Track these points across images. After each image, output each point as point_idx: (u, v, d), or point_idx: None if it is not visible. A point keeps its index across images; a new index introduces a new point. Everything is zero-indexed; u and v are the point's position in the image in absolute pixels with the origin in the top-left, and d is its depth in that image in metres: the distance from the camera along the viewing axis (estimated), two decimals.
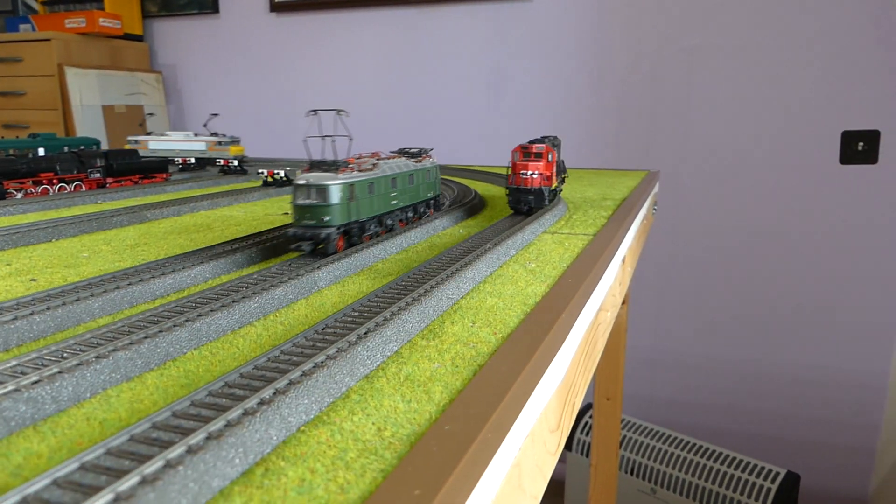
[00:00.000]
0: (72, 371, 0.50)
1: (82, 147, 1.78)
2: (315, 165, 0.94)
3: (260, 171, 1.58)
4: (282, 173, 1.54)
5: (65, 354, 0.54)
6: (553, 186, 1.24)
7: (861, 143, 3.26)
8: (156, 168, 1.66)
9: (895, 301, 3.23)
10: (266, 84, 4.15)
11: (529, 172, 1.18)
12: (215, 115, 1.87)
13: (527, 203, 1.19)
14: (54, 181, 1.41)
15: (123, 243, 1.05)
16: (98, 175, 1.49)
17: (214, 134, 1.66)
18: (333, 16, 3.93)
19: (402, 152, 1.22)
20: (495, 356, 0.55)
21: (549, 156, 1.21)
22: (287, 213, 1.27)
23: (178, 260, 0.87)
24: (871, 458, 3.42)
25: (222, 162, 1.79)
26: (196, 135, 1.75)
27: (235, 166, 1.80)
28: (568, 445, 3.40)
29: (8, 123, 3.93)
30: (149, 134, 1.94)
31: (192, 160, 1.81)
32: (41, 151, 1.60)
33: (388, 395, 0.48)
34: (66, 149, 1.66)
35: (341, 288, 0.79)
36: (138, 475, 0.36)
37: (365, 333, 0.56)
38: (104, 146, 2.44)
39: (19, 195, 1.32)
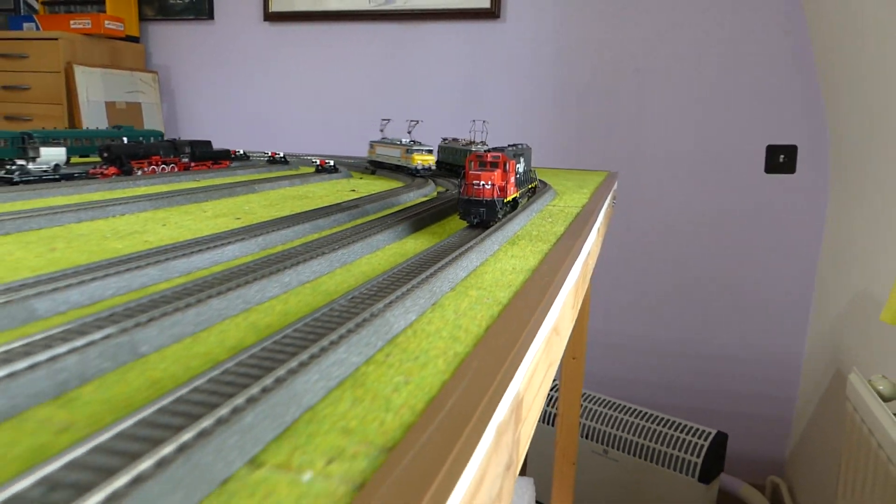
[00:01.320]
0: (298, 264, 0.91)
1: (152, 138, 2.18)
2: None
3: (314, 160, 2.01)
4: (331, 162, 1.98)
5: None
6: (509, 198, 1.18)
7: (782, 156, 3.89)
8: (221, 156, 2.08)
9: (810, 289, 3.86)
10: (257, 87, 4.53)
11: (481, 183, 1.11)
12: (416, 122, 2.40)
13: (477, 215, 1.12)
14: (159, 163, 1.82)
15: (261, 203, 1.46)
16: (186, 160, 1.91)
17: (413, 142, 1.97)
18: (323, 27, 4.35)
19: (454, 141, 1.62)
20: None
21: (506, 165, 1.16)
22: (354, 191, 1.70)
23: (317, 212, 1.31)
24: (788, 426, 4.04)
25: (270, 154, 2.22)
26: (402, 142, 2.05)
27: (280, 157, 2.23)
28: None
29: (11, 115, 4.20)
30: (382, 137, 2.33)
31: (281, 154, 2.22)
32: (124, 140, 2.00)
33: None
34: (150, 139, 2.06)
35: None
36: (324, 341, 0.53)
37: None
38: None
39: (139, 172, 1.73)
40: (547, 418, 3.82)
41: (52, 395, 0.45)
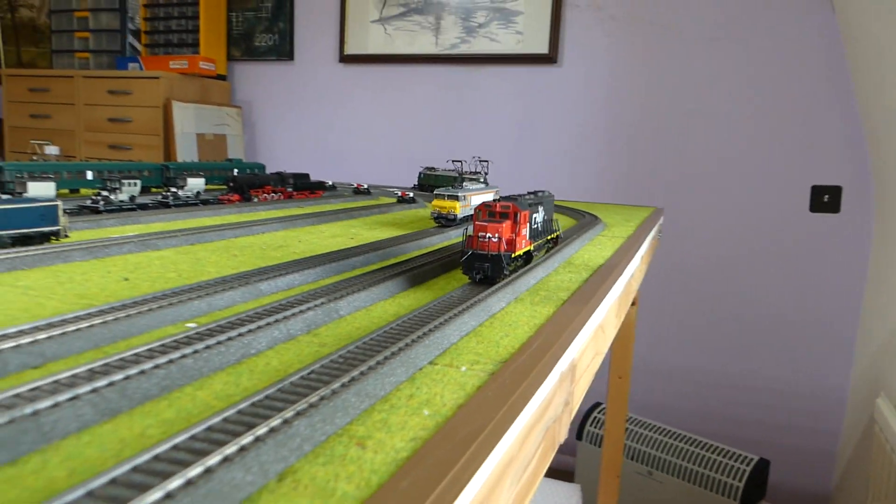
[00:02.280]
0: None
1: (256, 170, 2.58)
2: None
3: (395, 191, 2.37)
4: (410, 194, 2.34)
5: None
6: (519, 252, 1.12)
7: (826, 196, 4.09)
8: (317, 186, 2.47)
9: (854, 325, 4.02)
10: (330, 122, 4.98)
11: (487, 235, 1.06)
12: (486, 161, 2.37)
13: (481, 270, 1.06)
14: (270, 191, 2.21)
15: (362, 227, 1.83)
16: (290, 189, 2.30)
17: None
18: (393, 68, 4.78)
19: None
20: None
21: (517, 216, 1.11)
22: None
23: (423, 231, 1.68)
24: (832, 459, 4.16)
25: (356, 185, 2.60)
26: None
27: (364, 188, 2.60)
28: (578, 436, 4.12)
29: (114, 144, 4.74)
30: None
31: (365, 185, 2.61)
32: (235, 171, 2.40)
33: None
34: (254, 171, 2.47)
35: None
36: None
37: None
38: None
39: (255, 199, 2.12)
40: (594, 440, 4.05)
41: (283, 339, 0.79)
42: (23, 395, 0.50)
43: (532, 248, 1.25)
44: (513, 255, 1.11)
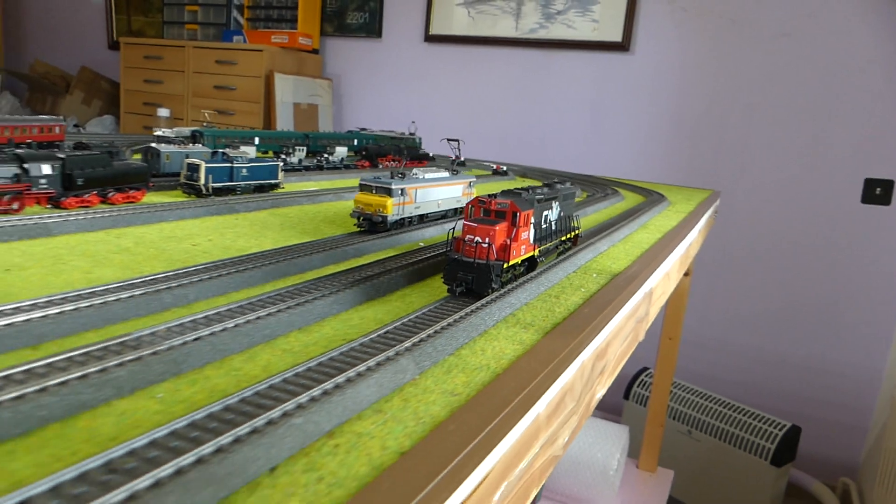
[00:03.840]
0: None
1: (369, 141, 3.09)
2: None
3: (491, 164, 2.86)
4: (504, 168, 2.82)
5: None
6: (515, 261, 1.00)
7: (878, 189, 4.41)
8: (424, 157, 2.97)
9: (893, 310, 4.36)
10: (412, 96, 5.48)
11: (476, 239, 0.94)
12: (456, 140, 1.88)
13: (463, 282, 0.94)
14: (391, 160, 2.73)
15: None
16: (405, 158, 2.81)
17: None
18: (474, 49, 5.23)
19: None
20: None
21: (517, 217, 0.99)
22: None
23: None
24: (863, 433, 4.54)
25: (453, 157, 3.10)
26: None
27: (461, 161, 3.09)
28: (626, 395, 4.59)
29: (219, 110, 5.34)
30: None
31: (462, 158, 3.10)
32: (355, 142, 2.91)
33: None
34: (369, 142, 2.98)
35: None
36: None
37: None
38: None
39: (380, 166, 2.64)
40: (640, 400, 4.51)
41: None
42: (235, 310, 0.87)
43: (536, 254, 1.11)
44: (506, 265, 0.96)
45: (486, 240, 0.94)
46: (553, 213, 1.21)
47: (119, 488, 0.41)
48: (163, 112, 5.42)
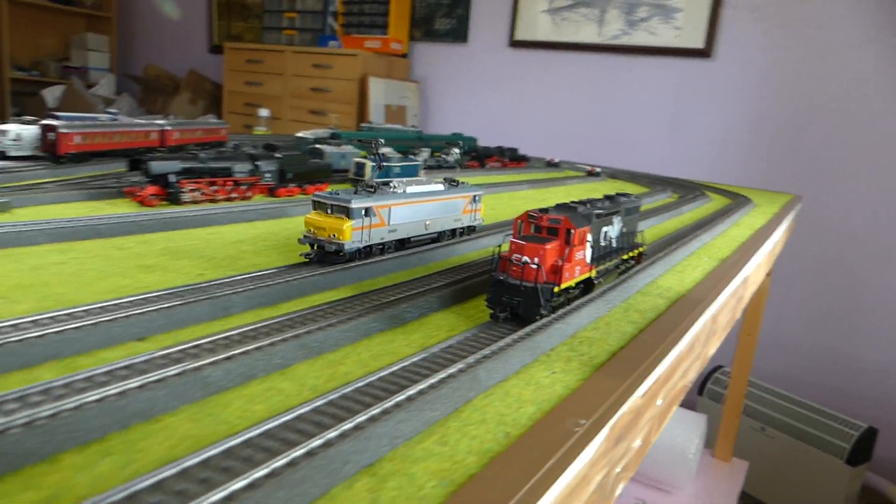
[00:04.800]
0: None
1: (465, 143, 3.42)
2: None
3: (584, 166, 3.18)
4: (598, 169, 3.12)
5: None
6: (568, 284, 0.94)
7: None
8: (522, 159, 3.29)
9: None
10: (496, 99, 5.81)
11: (524, 259, 0.88)
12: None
13: (508, 307, 0.89)
14: (495, 161, 3.06)
15: (572, 195, 2.63)
16: (506, 159, 3.14)
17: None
18: (557, 55, 5.53)
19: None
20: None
21: (570, 235, 0.92)
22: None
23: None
24: None
25: (548, 159, 3.42)
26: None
27: (555, 162, 3.41)
28: (700, 391, 4.80)
29: (314, 110, 5.80)
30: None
31: (556, 159, 3.43)
32: (459, 143, 3.25)
33: None
34: (468, 143, 3.33)
35: None
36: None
37: None
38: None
39: (486, 166, 2.98)
40: (714, 396, 4.71)
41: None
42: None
43: (593, 275, 1.05)
44: (557, 289, 0.90)
45: (536, 260, 0.88)
46: (614, 230, 1.13)
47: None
48: (263, 112, 5.92)
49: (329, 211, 1.18)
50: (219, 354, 0.76)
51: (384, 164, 1.96)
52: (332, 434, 0.62)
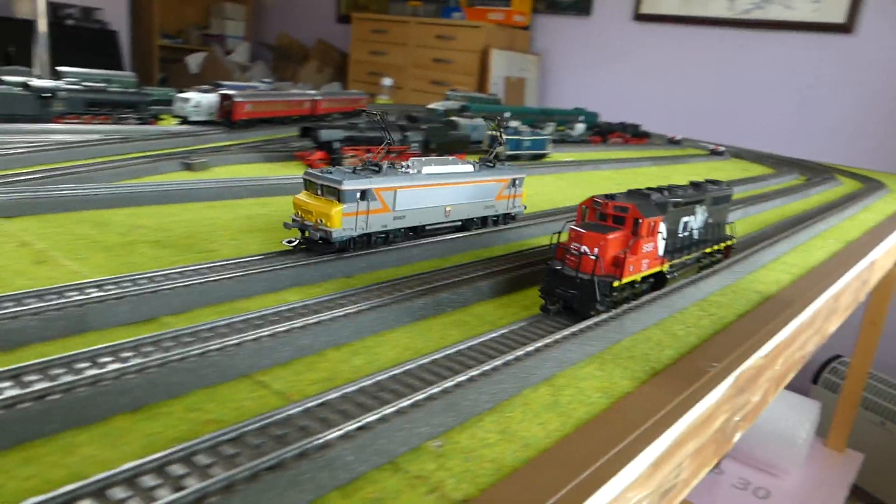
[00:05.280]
0: None
1: (588, 118, 3.51)
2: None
3: (708, 144, 3.21)
4: (722, 148, 3.15)
5: None
6: (632, 278, 0.88)
7: None
8: (643, 135, 3.35)
9: None
10: (618, 73, 5.80)
11: (582, 248, 0.83)
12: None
13: (562, 298, 0.86)
14: (617, 137, 3.15)
15: (696, 174, 2.70)
16: (628, 135, 3.21)
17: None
18: (684, 29, 5.44)
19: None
20: None
21: (639, 225, 0.85)
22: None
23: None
24: None
25: (669, 136, 3.46)
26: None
27: (676, 139, 3.44)
28: (814, 380, 4.70)
29: (435, 81, 6.01)
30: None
31: (678, 136, 3.48)
32: (580, 118, 3.35)
33: None
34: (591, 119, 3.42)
35: None
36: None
37: None
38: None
39: (609, 141, 3.07)
40: (829, 385, 4.61)
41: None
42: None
43: (666, 269, 0.99)
44: (617, 283, 0.86)
45: (595, 250, 0.83)
46: (696, 220, 1.07)
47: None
48: (386, 81, 6.20)
49: (319, 192, 1.05)
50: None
51: (514, 136, 2.13)
52: (519, 353, 0.82)
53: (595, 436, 0.70)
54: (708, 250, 1.18)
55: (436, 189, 1.17)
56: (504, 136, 2.13)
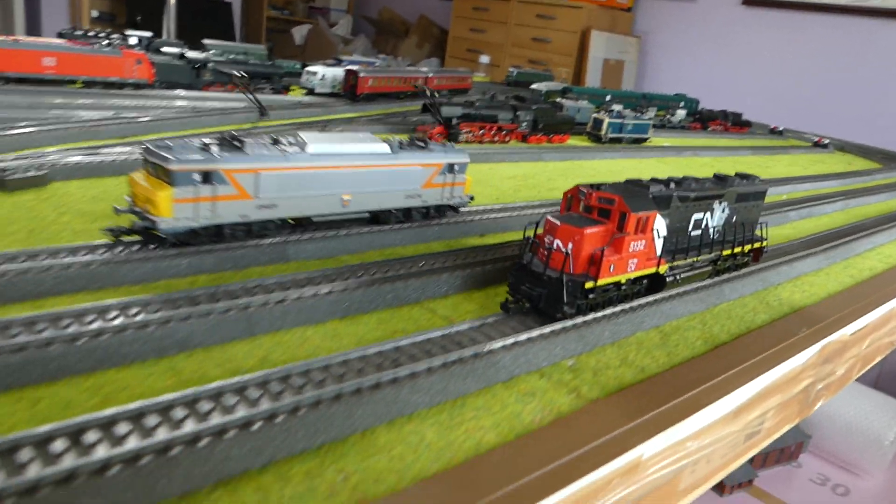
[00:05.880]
0: None
1: (682, 103, 3.55)
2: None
3: (811, 136, 3.23)
4: (826, 140, 3.15)
5: None
6: (610, 280, 0.81)
7: None
8: (745, 124, 3.38)
9: None
10: (721, 60, 5.73)
11: (556, 243, 0.76)
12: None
13: (528, 297, 0.80)
14: (718, 124, 3.20)
15: (797, 164, 2.74)
16: (729, 123, 3.26)
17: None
18: (797, 15, 5.32)
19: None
20: None
21: (625, 219, 0.78)
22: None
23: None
24: None
25: (771, 126, 3.48)
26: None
27: (778, 130, 3.45)
28: None
29: (532, 60, 6.11)
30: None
31: (780, 127, 3.50)
32: (681, 104, 3.40)
33: None
34: (681, 103, 3.47)
35: None
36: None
37: None
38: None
39: (709, 129, 3.13)
40: None
41: None
42: None
43: (664, 271, 0.92)
44: (591, 285, 0.78)
45: (568, 246, 0.76)
46: (715, 218, 0.99)
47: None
48: (484, 59, 6.36)
49: (150, 170, 0.87)
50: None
51: (616, 119, 2.26)
52: (634, 303, 0.99)
53: (693, 371, 0.87)
54: (727, 252, 1.04)
55: (325, 173, 0.95)
56: (610, 119, 2.26)
